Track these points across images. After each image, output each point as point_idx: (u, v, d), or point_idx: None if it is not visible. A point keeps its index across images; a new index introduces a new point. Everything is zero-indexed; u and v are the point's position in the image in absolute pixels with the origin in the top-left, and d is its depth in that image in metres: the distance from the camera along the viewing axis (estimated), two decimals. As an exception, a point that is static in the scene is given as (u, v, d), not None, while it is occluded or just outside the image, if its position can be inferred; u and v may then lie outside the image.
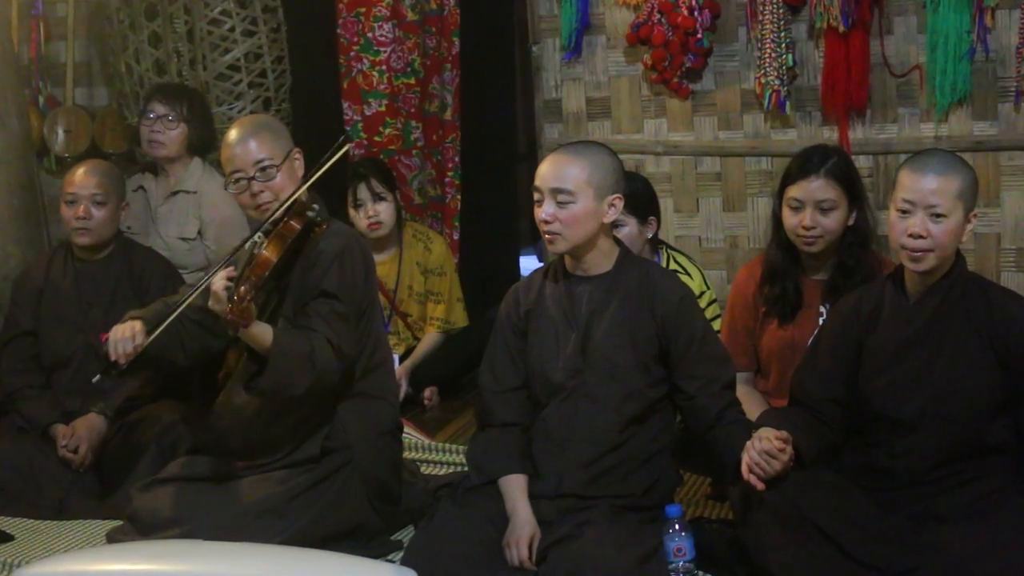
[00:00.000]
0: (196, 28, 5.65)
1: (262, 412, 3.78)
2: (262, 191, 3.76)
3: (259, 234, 3.69)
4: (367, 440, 3.83)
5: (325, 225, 3.80)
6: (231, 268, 3.61)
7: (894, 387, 3.37)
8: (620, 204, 3.54)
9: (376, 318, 3.95)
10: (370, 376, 3.89)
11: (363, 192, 5.24)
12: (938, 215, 3.27)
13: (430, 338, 5.42)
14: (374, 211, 5.23)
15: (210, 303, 3.56)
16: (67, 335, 4.56)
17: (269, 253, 3.62)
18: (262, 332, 3.58)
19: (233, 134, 3.80)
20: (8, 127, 5.20)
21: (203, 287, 3.65)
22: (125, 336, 3.66)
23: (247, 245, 3.71)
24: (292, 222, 3.70)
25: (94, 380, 3.75)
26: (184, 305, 3.67)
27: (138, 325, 3.69)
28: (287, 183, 3.78)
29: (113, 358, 3.67)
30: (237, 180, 3.78)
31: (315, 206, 3.79)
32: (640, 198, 4.24)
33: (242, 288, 3.44)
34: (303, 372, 3.61)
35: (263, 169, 3.76)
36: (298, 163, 3.87)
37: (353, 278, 3.77)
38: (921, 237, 3.27)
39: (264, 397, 3.72)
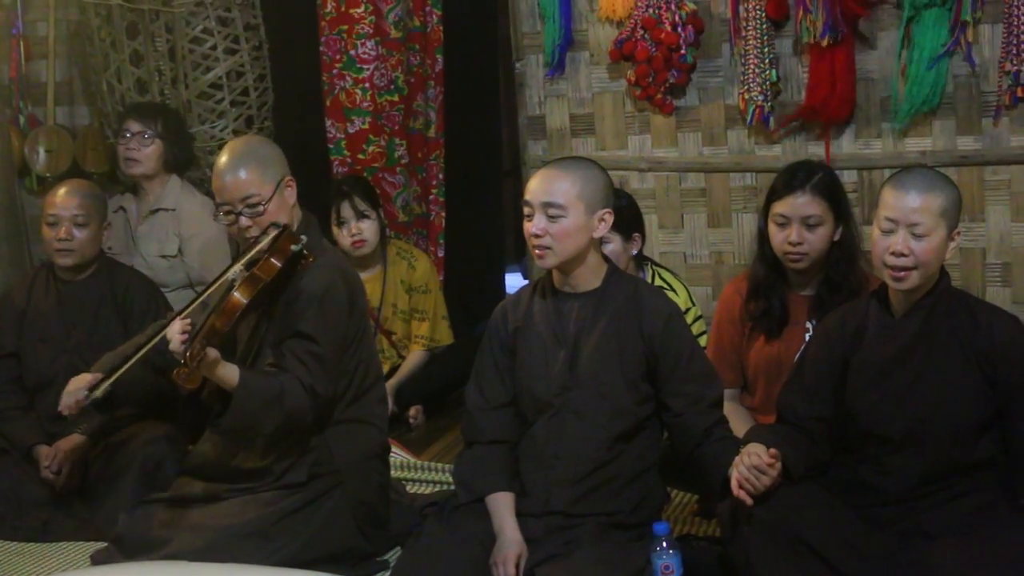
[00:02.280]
0: (178, 47, 5.63)
1: (245, 443, 3.77)
2: (249, 226, 3.69)
3: (239, 267, 3.61)
4: (355, 465, 3.81)
5: (312, 258, 3.71)
6: (187, 320, 3.53)
7: (881, 404, 3.36)
8: (610, 219, 3.54)
9: (366, 344, 3.91)
10: (360, 401, 3.87)
11: (346, 210, 5.22)
12: (920, 233, 3.26)
13: (415, 356, 5.40)
14: (357, 229, 5.22)
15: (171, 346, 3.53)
16: (50, 356, 4.54)
17: (240, 296, 3.52)
18: (228, 374, 3.54)
19: (222, 163, 3.71)
20: (-11, 147, 5.18)
21: (163, 334, 3.61)
22: (70, 390, 3.80)
23: (226, 278, 3.62)
24: (273, 260, 3.60)
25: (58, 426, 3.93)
26: (145, 350, 3.64)
27: (88, 378, 3.78)
28: (277, 214, 3.70)
29: (59, 409, 3.82)
30: (227, 212, 3.72)
31: (302, 237, 3.69)
32: (624, 215, 4.23)
33: (195, 346, 3.36)
34: (270, 413, 3.58)
35: (251, 205, 3.68)
36: (289, 191, 3.77)
37: (335, 318, 3.71)
38: (903, 255, 3.26)
39: (230, 434, 3.71)
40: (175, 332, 3.49)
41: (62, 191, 4.58)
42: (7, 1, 6.06)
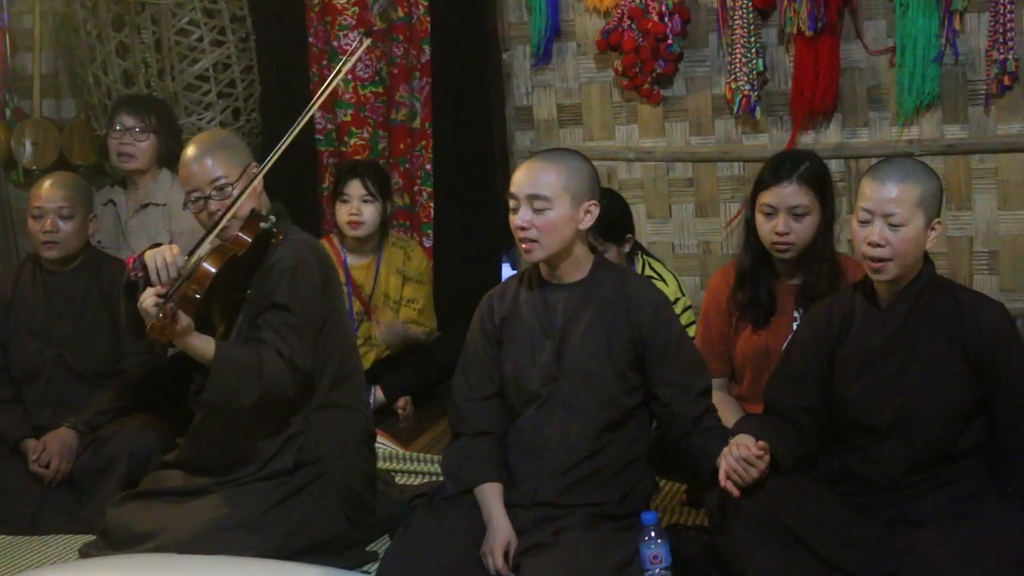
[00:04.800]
0: (164, 39, 5.62)
1: (230, 426, 3.76)
2: (219, 209, 3.72)
3: (206, 245, 3.67)
4: (340, 451, 3.82)
5: (282, 236, 3.78)
6: (160, 287, 3.56)
7: (867, 394, 3.37)
8: (596, 211, 3.53)
9: (342, 328, 3.92)
10: (341, 387, 3.88)
11: (353, 188, 5.21)
12: (896, 224, 3.26)
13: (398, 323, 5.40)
14: (358, 209, 5.20)
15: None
16: (36, 347, 4.53)
17: (209, 265, 3.59)
18: (203, 344, 3.59)
19: (189, 153, 3.78)
20: (-26, 140, 5.17)
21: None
22: (165, 259, 3.61)
23: (199, 254, 3.67)
24: (241, 234, 3.68)
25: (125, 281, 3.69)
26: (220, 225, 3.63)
27: (176, 248, 3.66)
28: (245, 199, 3.73)
29: (153, 279, 3.59)
30: (195, 200, 3.76)
31: (271, 217, 3.76)
32: (613, 221, 4.24)
33: (168, 305, 3.44)
34: (249, 383, 3.60)
35: (219, 188, 3.74)
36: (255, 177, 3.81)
37: (308, 290, 3.75)
38: (879, 246, 3.26)
39: (210, 409, 3.72)
40: (148, 295, 3.52)
41: (47, 183, 4.57)
42: (-8, -6, 6.07)
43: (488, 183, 6.19)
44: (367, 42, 3.84)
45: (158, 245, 3.72)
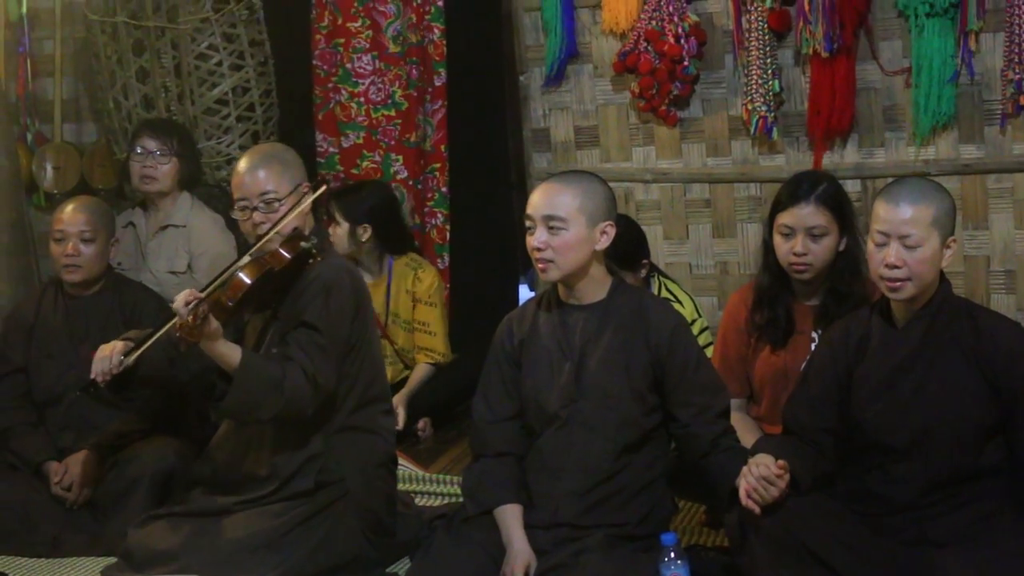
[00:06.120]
0: (183, 63, 5.65)
1: (250, 440, 3.81)
2: (262, 222, 3.78)
3: (247, 257, 3.72)
4: (361, 473, 3.84)
5: (320, 258, 3.82)
6: (193, 290, 3.61)
7: (885, 414, 3.37)
8: (612, 232, 3.55)
9: (370, 354, 3.94)
10: (365, 410, 3.90)
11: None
12: (912, 244, 3.27)
13: (421, 369, 5.40)
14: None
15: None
16: (58, 371, 4.55)
17: (245, 276, 3.64)
18: (230, 351, 3.61)
19: (245, 162, 3.84)
20: (-3, 165, 5.21)
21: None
22: (105, 355, 3.78)
23: (236, 264, 3.72)
24: (281, 251, 3.73)
25: (76, 394, 3.95)
26: (169, 325, 3.67)
27: (120, 345, 3.80)
28: (291, 217, 3.78)
29: (92, 376, 3.78)
30: (243, 208, 3.81)
31: (312, 238, 3.81)
32: (631, 253, 4.26)
33: (201, 307, 3.47)
34: (270, 396, 3.62)
35: (267, 201, 3.78)
36: (305, 197, 3.85)
37: (340, 312, 3.77)
38: (897, 267, 3.27)
39: (230, 417, 3.76)
40: (181, 296, 3.56)
41: (69, 207, 4.60)
42: (14, 19, 6.10)
43: (503, 206, 6.21)
44: (324, 188, 3.92)
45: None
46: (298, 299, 3.77)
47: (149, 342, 3.73)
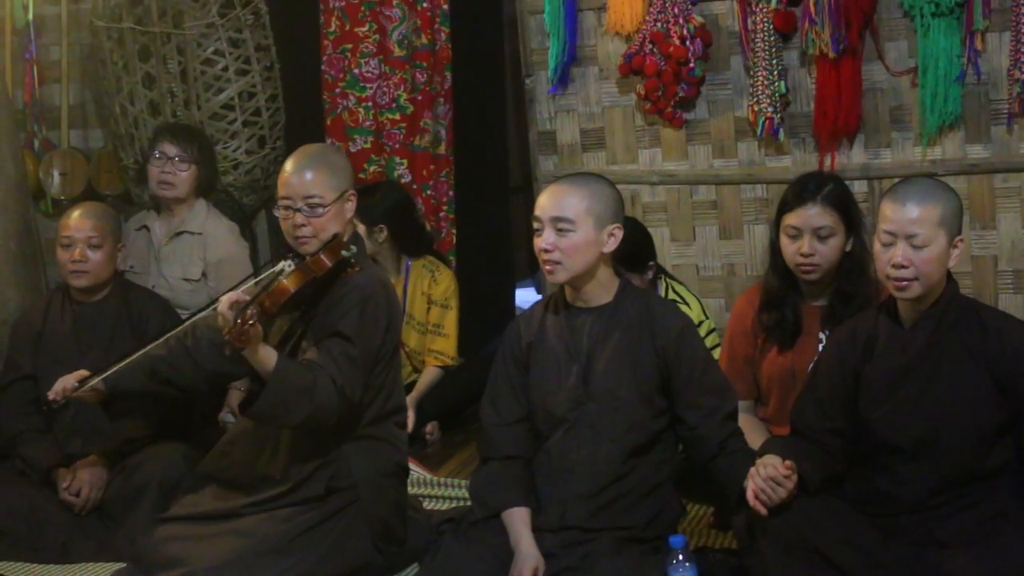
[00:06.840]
0: (189, 68, 5.66)
1: (263, 440, 3.82)
2: (304, 225, 3.77)
3: (288, 262, 3.74)
4: (372, 480, 3.83)
5: (359, 267, 3.82)
6: (239, 292, 3.63)
7: (893, 415, 3.37)
8: (620, 234, 3.55)
9: (394, 368, 3.95)
10: (381, 423, 3.90)
11: None
12: (919, 244, 3.27)
13: (430, 373, 5.41)
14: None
15: (219, 321, 3.59)
16: (66, 377, 4.56)
17: (289, 283, 3.63)
18: (267, 356, 3.60)
19: (293, 161, 3.83)
20: (4, 171, 5.20)
21: (188, 323, 3.92)
22: (64, 378, 3.99)
23: (274, 270, 3.75)
24: (323, 257, 3.72)
25: (44, 408, 4.13)
26: (140, 353, 3.80)
27: (83, 373, 3.98)
28: (332, 223, 3.79)
29: (48, 395, 3.98)
30: (286, 208, 3.80)
31: (352, 247, 3.80)
32: (637, 256, 4.26)
33: (248, 311, 3.46)
34: (300, 403, 3.61)
35: (311, 205, 3.77)
36: (350, 205, 3.87)
37: (373, 325, 3.78)
38: (904, 267, 3.27)
39: (259, 420, 3.74)
40: (226, 299, 3.57)
41: (76, 213, 4.61)
42: (20, 26, 6.11)
43: (505, 209, 6.21)
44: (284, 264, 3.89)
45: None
46: (334, 308, 3.76)
47: (110, 371, 3.86)
